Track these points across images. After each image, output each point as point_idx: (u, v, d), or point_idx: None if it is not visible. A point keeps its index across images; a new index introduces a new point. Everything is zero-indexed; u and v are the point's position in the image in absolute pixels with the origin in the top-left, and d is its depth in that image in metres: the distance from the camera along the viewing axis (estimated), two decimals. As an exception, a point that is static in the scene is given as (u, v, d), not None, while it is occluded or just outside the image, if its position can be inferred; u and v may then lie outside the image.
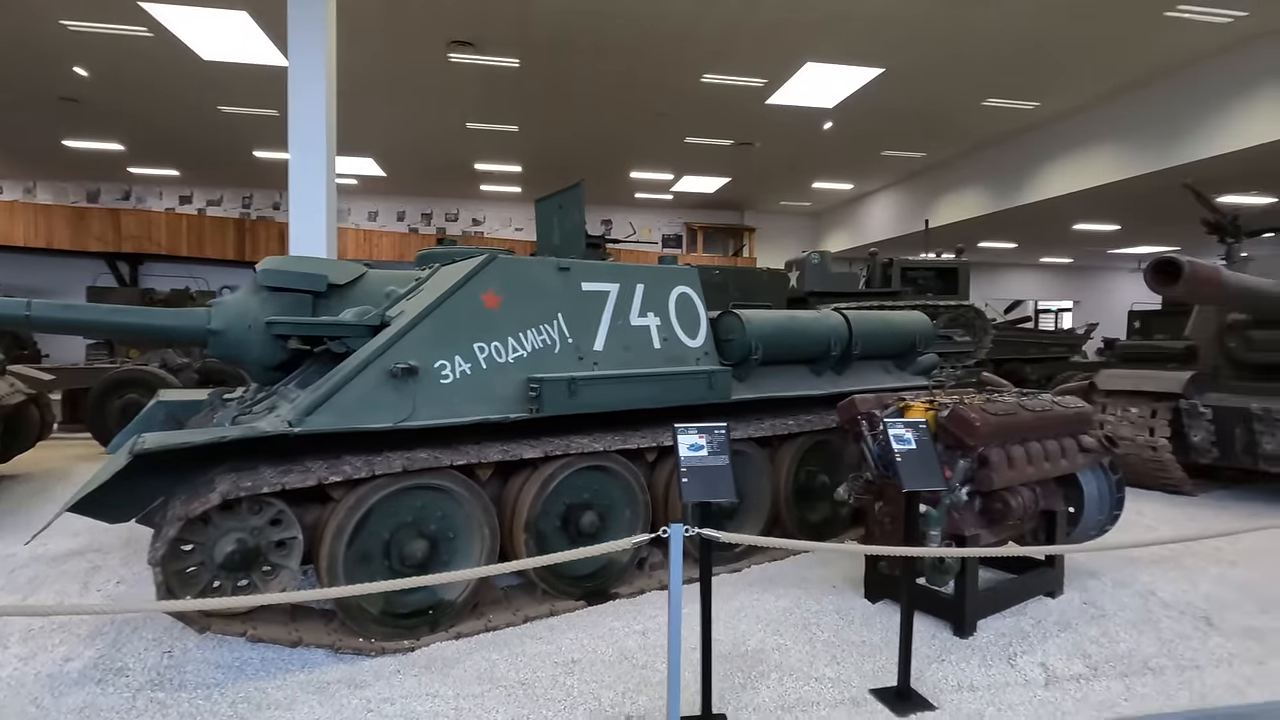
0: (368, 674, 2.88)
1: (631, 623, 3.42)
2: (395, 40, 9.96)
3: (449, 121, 13.58)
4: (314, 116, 6.59)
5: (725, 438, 2.53)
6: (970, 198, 16.14)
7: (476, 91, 11.95)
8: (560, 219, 4.99)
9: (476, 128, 13.98)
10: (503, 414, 3.46)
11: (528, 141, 14.99)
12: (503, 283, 3.70)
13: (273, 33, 9.62)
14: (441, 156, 16.15)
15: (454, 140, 14.84)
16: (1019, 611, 3.61)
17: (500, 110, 13.00)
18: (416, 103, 12.55)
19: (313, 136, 6.59)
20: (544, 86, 11.72)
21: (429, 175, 18.13)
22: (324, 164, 6.62)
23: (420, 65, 10.83)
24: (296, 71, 6.60)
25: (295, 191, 6.59)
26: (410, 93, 12.06)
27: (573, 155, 15.97)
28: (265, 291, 3.87)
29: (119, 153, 16.23)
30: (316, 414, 3.01)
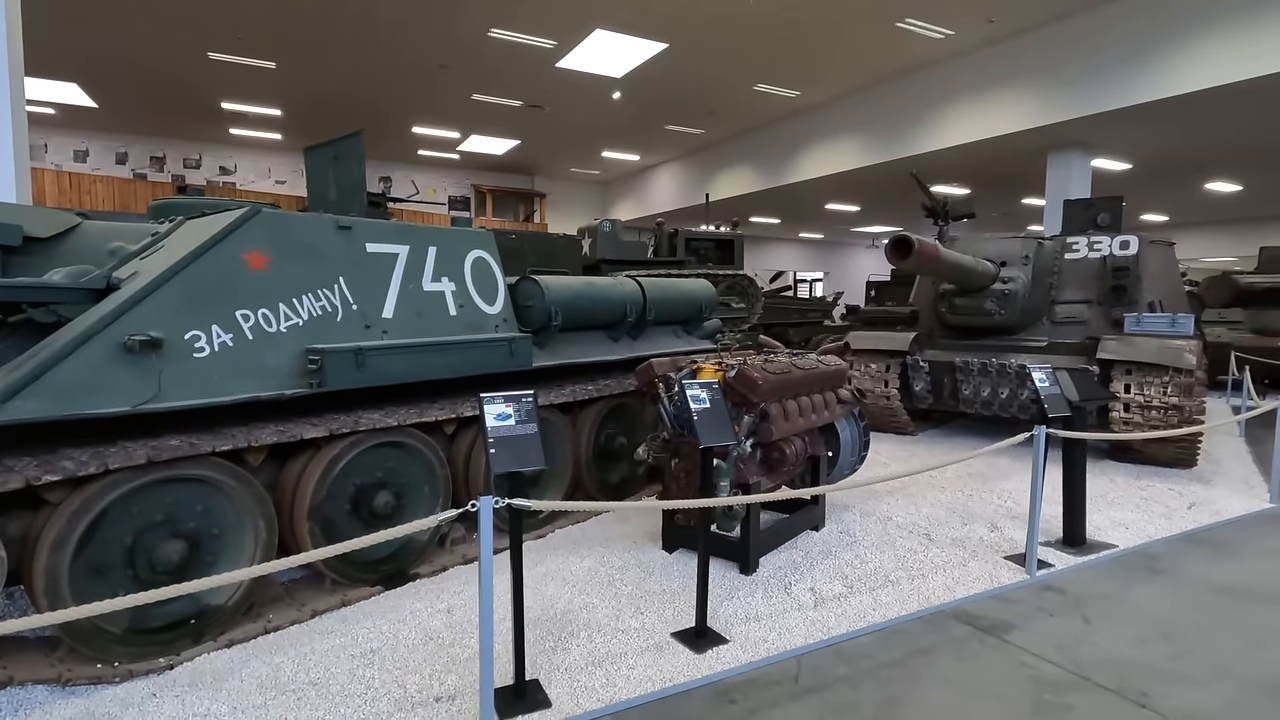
0: (112, 705, 2.43)
1: (435, 602, 3.28)
2: (105, -62, 8.11)
3: (184, 47, 11.47)
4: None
5: (533, 405, 2.49)
6: (743, 175, 17.55)
7: (220, 14, 10.22)
8: (336, 172, 4.49)
9: (221, 59, 11.99)
10: (277, 390, 3.06)
11: (287, 82, 13.24)
12: (270, 241, 3.25)
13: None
14: (176, 89, 13.64)
15: (193, 71, 12.59)
16: (791, 546, 4.09)
17: (252, 42, 11.28)
18: (139, 18, 10.40)
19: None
20: (307, 18, 10.38)
21: (159, 111, 15.25)
22: (4, 81, 5.23)
23: (142, -26, 8.96)
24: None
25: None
26: (129, 5, 9.95)
27: (344, 103, 14.44)
28: (-74, 244, 2.99)
29: None
30: (19, 399, 2.41)
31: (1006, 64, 11.05)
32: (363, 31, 10.77)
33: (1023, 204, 19.28)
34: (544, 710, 2.45)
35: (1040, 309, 6.87)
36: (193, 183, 17.78)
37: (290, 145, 18.19)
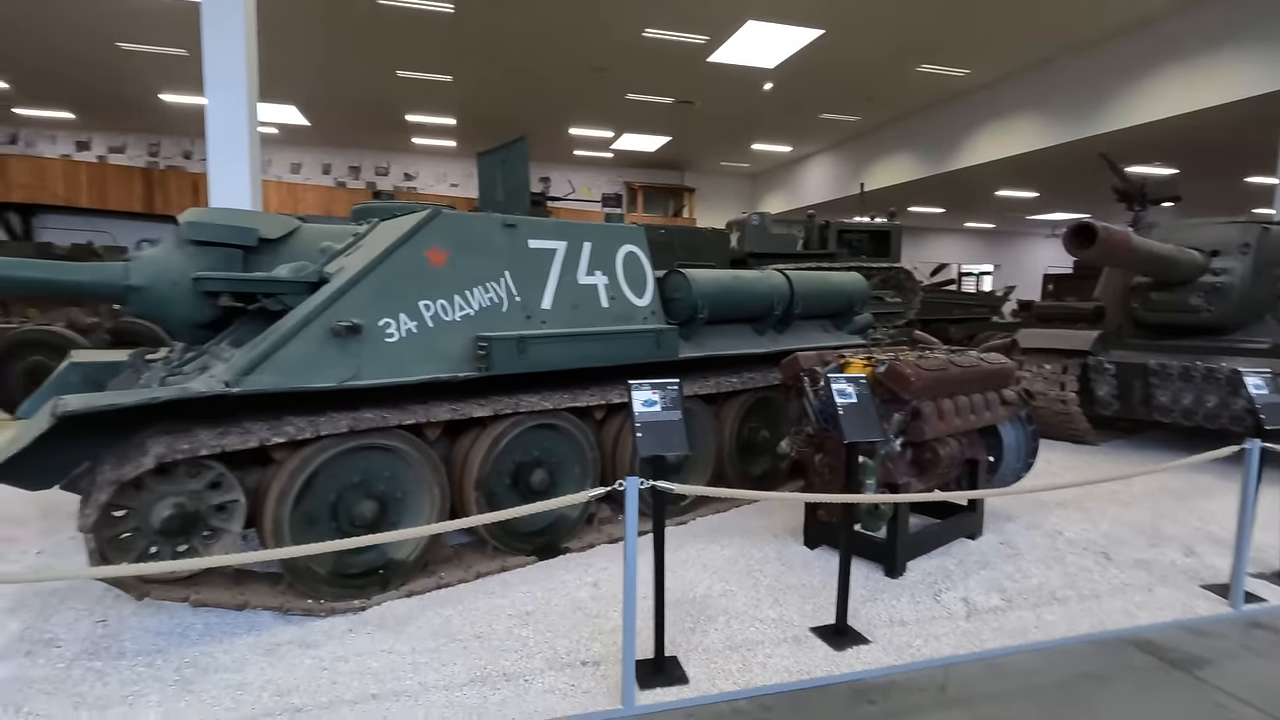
0: (319, 634, 2.87)
1: (583, 575, 3.50)
2: None
3: (378, 69, 12.90)
4: (232, 57, 6.15)
5: (678, 394, 2.59)
6: (903, 162, 16.58)
7: (408, 38, 11.38)
8: (504, 174, 4.87)
9: (408, 76, 13.34)
10: (451, 373, 3.42)
11: (462, 93, 14.43)
12: (448, 239, 3.61)
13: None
14: (370, 106, 15.37)
15: (384, 89, 14.13)
16: (944, 552, 3.88)
17: (433, 59, 12.43)
18: (343, 47, 11.85)
19: (231, 79, 6.16)
20: (479, 36, 11.26)
21: (357, 126, 17.26)
22: (244, 109, 6.21)
23: (347, 6, 10.20)
24: (211, 9, 6.11)
25: (214, 139, 6.18)
26: (337, 36, 11.36)
27: (510, 109, 15.49)
28: (191, 245, 3.66)
29: (2, 90, 14.73)
30: (255, 374, 2.90)
31: (1225, 22, 9.51)
32: (527, 43, 11.49)
33: (1246, 183, 16.51)
34: (681, 686, 2.55)
35: (1262, 305, 5.90)
36: (383, 188, 19.93)
37: (462, 151, 19.81)
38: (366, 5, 10.08)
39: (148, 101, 15.14)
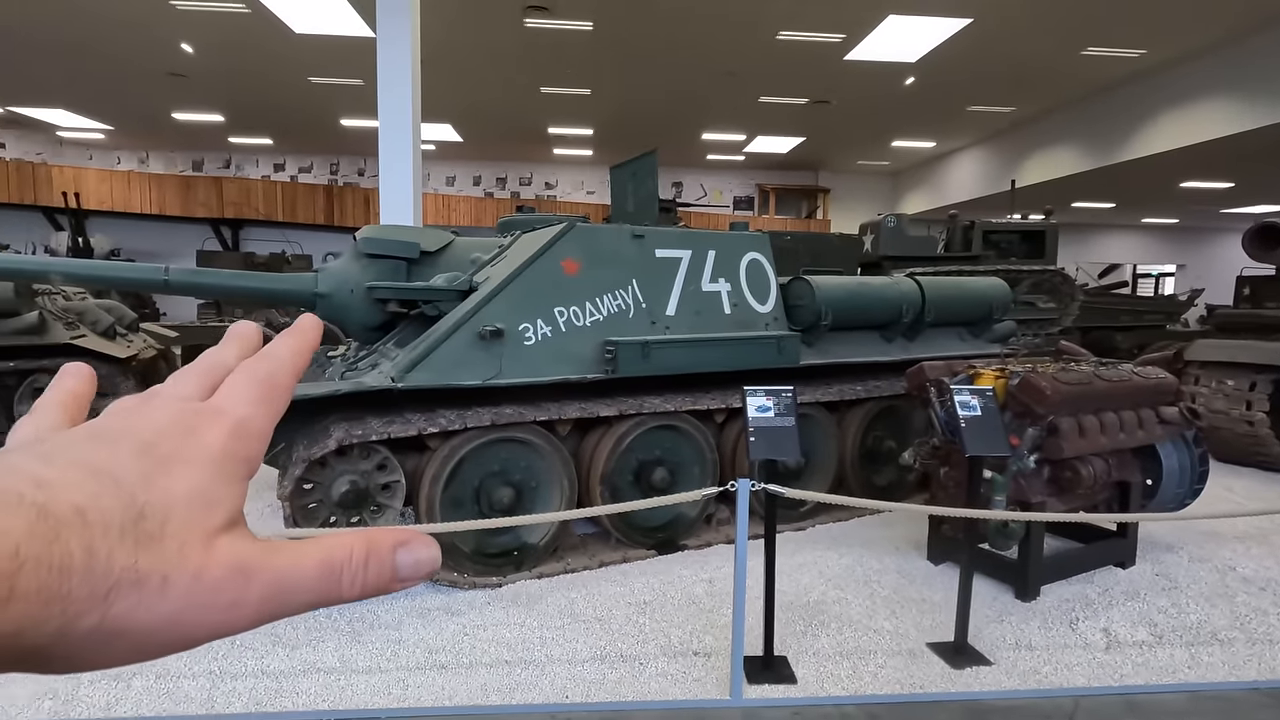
0: (462, 604, 3.23)
1: (699, 571, 3.65)
2: (473, 7, 10.15)
3: (523, 86, 13.77)
4: (400, 86, 6.90)
5: (792, 400, 2.67)
6: (1063, 155, 15.19)
7: (550, 56, 12.07)
8: (634, 186, 5.13)
9: (550, 92, 14.12)
10: (581, 374, 3.69)
11: (599, 104, 15.04)
12: (581, 250, 3.90)
13: (358, 4, 10.00)
14: (516, 121, 16.40)
15: (528, 105, 15.05)
16: (1086, 579, 3.63)
17: (573, 74, 13.08)
18: (492, 69, 12.78)
19: (399, 106, 6.91)
20: (616, 49, 11.71)
21: (504, 140, 18.48)
22: (410, 133, 6.94)
23: (496, 31, 11.01)
24: (384, 42, 6.90)
25: (385, 160, 6.96)
26: (486, 59, 12.29)
27: (644, 117, 15.93)
28: (365, 258, 4.21)
29: (220, 123, 17.29)
30: (415, 371, 3.32)
31: None
32: (661, 53, 11.81)
33: None
34: (789, 684, 2.63)
35: None
36: (524, 197, 21.21)
37: (599, 160, 20.59)
38: (514, 29, 10.83)
39: (330, 126, 17.14)
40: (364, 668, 2.69)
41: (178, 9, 10.35)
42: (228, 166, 20.60)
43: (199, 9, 10.35)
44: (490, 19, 10.53)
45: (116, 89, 14.40)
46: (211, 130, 17.82)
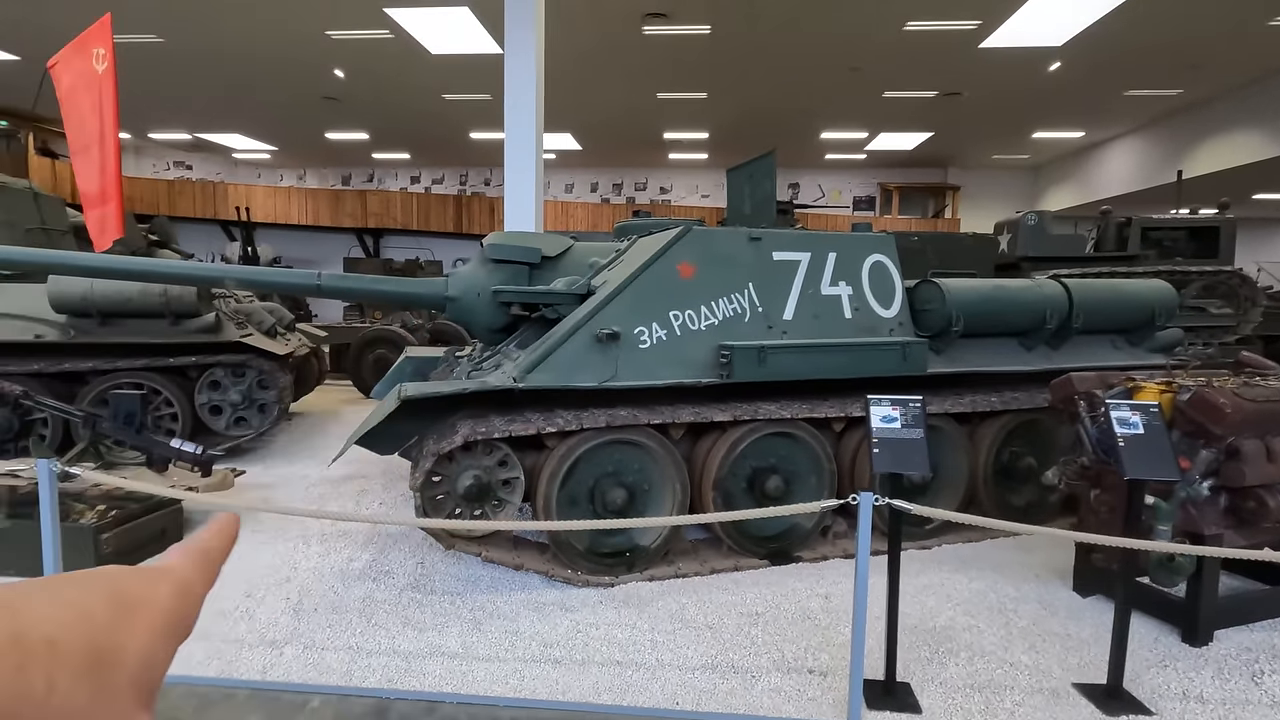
0: (575, 601, 3.30)
1: (814, 585, 3.52)
2: (593, 19, 10.42)
3: (641, 93, 13.98)
4: (525, 98, 7.20)
5: (921, 411, 2.51)
6: (1241, 140, 13.39)
7: (668, 62, 12.17)
8: (751, 188, 5.05)
9: (667, 97, 14.25)
10: (695, 378, 3.67)
11: (716, 108, 14.99)
12: (697, 253, 3.88)
13: (489, 24, 10.55)
14: (633, 127, 16.68)
15: (645, 111, 15.26)
16: (1272, 627, 3.15)
17: (690, 79, 13.12)
18: (611, 77, 13.07)
19: (524, 118, 7.21)
20: (734, 52, 11.62)
21: (620, 146, 18.85)
22: (533, 143, 7.22)
23: (615, 41, 11.25)
24: (511, 57, 7.23)
25: (510, 169, 7.28)
26: (605, 68, 12.57)
27: (761, 119, 15.70)
28: (491, 263, 4.41)
29: (365, 141, 18.84)
30: (536, 372, 3.43)
31: None
32: (780, 52, 11.58)
33: None
34: (914, 714, 2.47)
35: None
36: (640, 202, 21.51)
37: (713, 163, 20.54)
38: (633, 37, 11.02)
39: (460, 140, 18.21)
40: (484, 655, 2.80)
41: (332, 38, 11.38)
42: (371, 180, 22.40)
43: (350, 37, 11.32)
44: (610, 29, 10.78)
45: (281, 114, 16.06)
46: (358, 147, 19.45)
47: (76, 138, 5.51)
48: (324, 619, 3.08)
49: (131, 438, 4.13)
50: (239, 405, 5.63)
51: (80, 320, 5.25)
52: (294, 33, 11.19)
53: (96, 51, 5.35)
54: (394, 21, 10.53)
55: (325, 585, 3.42)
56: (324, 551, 3.86)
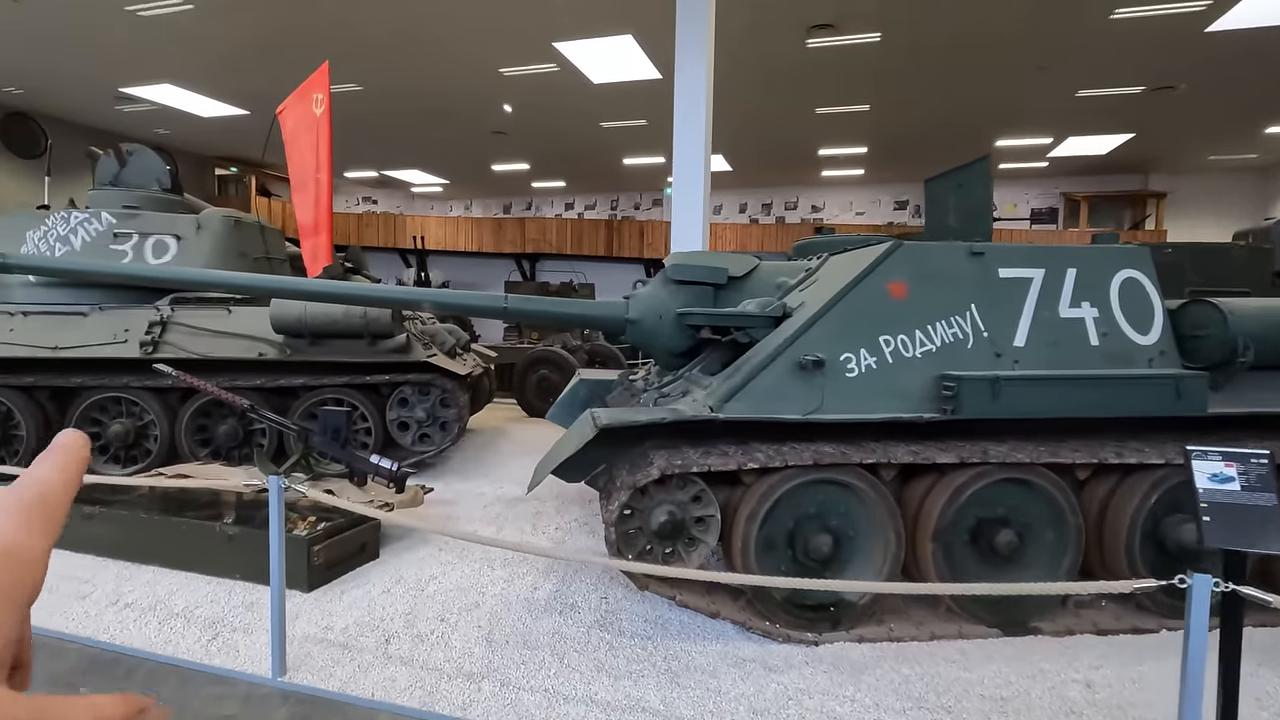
0: (778, 659, 2.96)
1: (1066, 668, 2.92)
2: (756, 37, 10.20)
3: (799, 110, 13.55)
4: (695, 119, 7.09)
5: (1268, 470, 1.93)
6: None
7: (830, 75, 11.68)
8: (959, 198, 4.52)
9: (825, 112, 13.71)
10: (913, 413, 3.23)
11: (878, 120, 14.20)
12: (909, 271, 3.46)
13: (650, 50, 10.68)
14: (787, 145, 16.24)
15: (801, 128, 14.80)
16: None
17: (853, 91, 12.52)
18: (769, 96, 12.77)
19: (694, 138, 7.10)
20: (905, 58, 10.92)
21: (771, 166, 18.46)
22: (702, 162, 7.08)
23: (777, 58, 10.96)
24: (682, 79, 7.16)
25: (678, 191, 7.19)
26: (764, 87, 12.30)
27: (927, 129, 14.66)
28: (673, 285, 4.24)
29: (525, 171, 19.90)
30: (733, 401, 3.17)
31: None
32: (959, 54, 10.71)
33: None
34: None
35: None
36: (791, 222, 20.95)
37: (869, 179, 19.57)
38: (795, 53, 10.68)
39: (613, 166, 18.71)
40: (687, 715, 2.54)
41: (504, 75, 12.05)
42: (529, 208, 23.65)
43: (519, 73, 11.94)
44: (772, 46, 10.51)
45: (455, 149, 17.34)
46: (519, 177, 20.60)
47: (296, 175, 6.08)
48: (516, 654, 2.97)
49: (337, 452, 4.36)
50: (423, 422, 5.88)
51: (295, 340, 5.73)
52: (471, 73, 11.98)
53: (315, 96, 5.89)
54: (560, 54, 10.95)
55: (514, 615, 3.33)
56: (508, 577, 3.81)
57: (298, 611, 3.29)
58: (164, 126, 15.92)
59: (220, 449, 5.72)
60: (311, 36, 9.98)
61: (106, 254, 6.05)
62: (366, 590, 3.55)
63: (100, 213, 6.13)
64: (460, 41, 10.61)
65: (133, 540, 3.82)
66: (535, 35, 10.31)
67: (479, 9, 9.52)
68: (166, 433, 5.61)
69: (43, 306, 5.88)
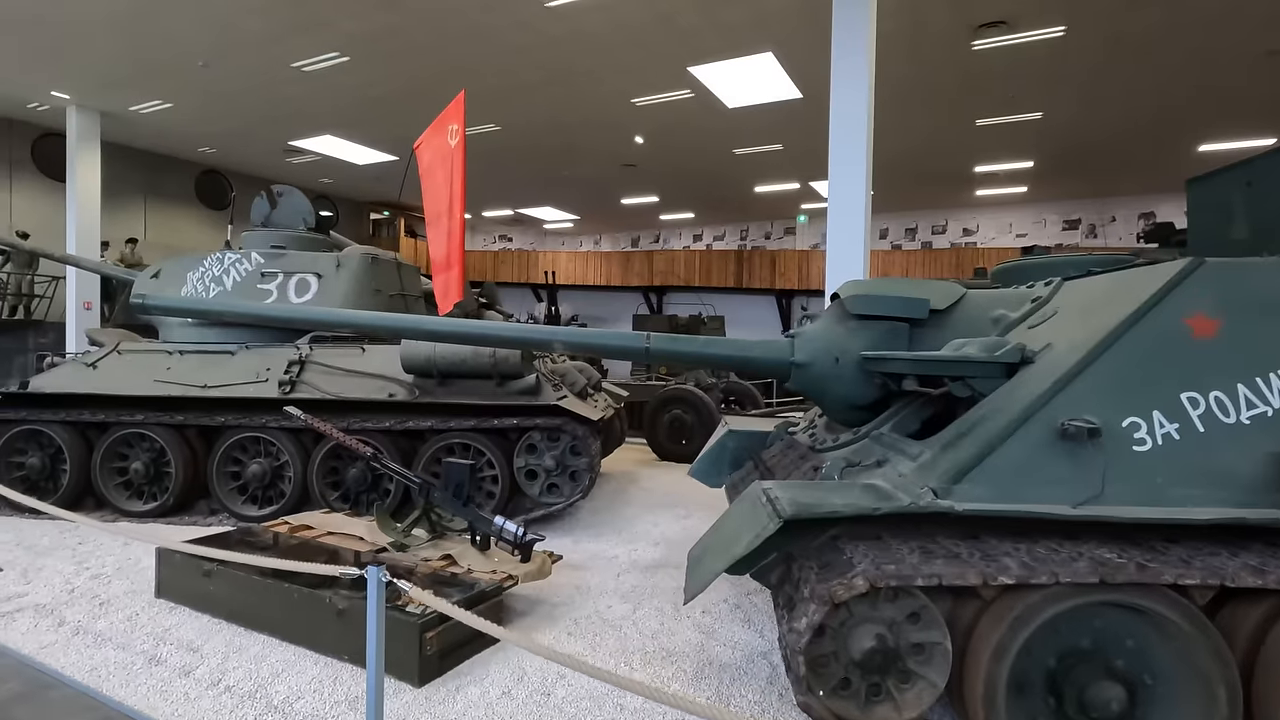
0: None
1: None
2: (916, 42, 9.20)
3: (957, 122, 12.24)
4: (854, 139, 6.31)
5: None
6: None
7: (998, 80, 10.37)
8: (1247, 200, 3.37)
9: (988, 123, 12.28)
10: (1250, 508, 2.19)
11: (1050, 129, 12.54)
12: (1219, 300, 2.44)
13: (791, 68, 9.95)
14: (939, 162, 14.82)
15: (958, 143, 13.41)
16: None
17: (1024, 96, 11.08)
18: (923, 109, 11.60)
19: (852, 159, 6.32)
20: (1095, 53, 9.44)
21: (919, 186, 16.98)
22: (861, 187, 6.26)
23: (938, 64, 9.85)
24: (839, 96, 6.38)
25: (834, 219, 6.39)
26: (918, 100, 11.17)
27: (1108, 137, 12.80)
28: (853, 320, 3.42)
29: (654, 204, 19.68)
30: (966, 483, 2.30)
31: None
32: (1164, 42, 9.10)
33: None
34: None
35: None
36: (939, 247, 19.21)
37: (1033, 197, 17.56)
38: (959, 58, 9.54)
39: (744, 195, 18.02)
40: None
41: (637, 105, 11.78)
42: (657, 240, 23.44)
43: (652, 102, 11.60)
44: (933, 52, 9.43)
45: (586, 185, 17.42)
46: (647, 210, 20.42)
47: (431, 209, 5.88)
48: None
49: (459, 510, 3.89)
50: (552, 471, 5.36)
51: (424, 380, 5.44)
52: (605, 106, 11.82)
53: (451, 127, 5.66)
54: (695, 79, 10.49)
55: (661, 745, 2.60)
56: (651, 676, 3.09)
57: (404, 714, 2.75)
58: (327, 176, 17.20)
59: (350, 492, 5.50)
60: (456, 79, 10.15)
61: (254, 293, 6.12)
62: (484, 690, 2.96)
63: (251, 253, 6.25)
64: (597, 74, 10.44)
65: (247, 604, 3.51)
66: (671, 61, 9.92)
67: (617, 37, 9.26)
68: (299, 474, 5.47)
69: (197, 345, 6.02)
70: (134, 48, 9.95)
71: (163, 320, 6.45)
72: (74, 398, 5.64)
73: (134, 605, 3.79)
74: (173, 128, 13.76)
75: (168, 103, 12.25)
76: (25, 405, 5.68)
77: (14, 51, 10.15)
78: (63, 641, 3.34)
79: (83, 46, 9.94)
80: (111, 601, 3.84)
